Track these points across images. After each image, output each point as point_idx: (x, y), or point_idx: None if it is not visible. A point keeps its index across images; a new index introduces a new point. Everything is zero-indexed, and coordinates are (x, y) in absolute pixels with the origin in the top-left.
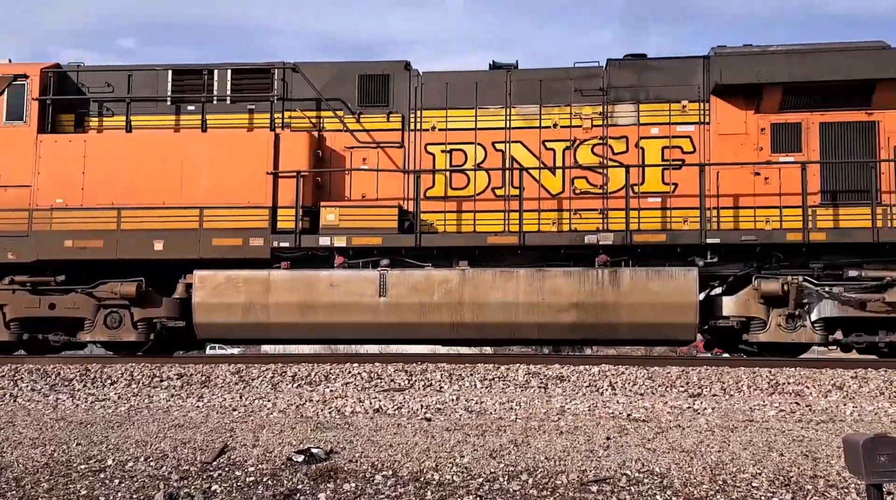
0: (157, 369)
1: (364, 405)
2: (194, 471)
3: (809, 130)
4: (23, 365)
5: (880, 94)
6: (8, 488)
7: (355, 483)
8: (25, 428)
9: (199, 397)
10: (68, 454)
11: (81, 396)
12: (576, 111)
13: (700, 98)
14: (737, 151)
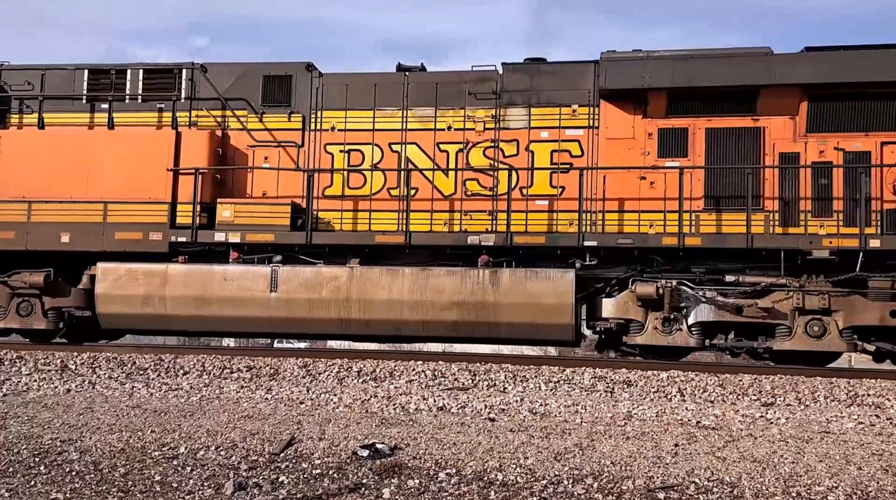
0: (228, 361)
1: (428, 403)
2: (262, 462)
3: (696, 136)
4: (101, 353)
5: (764, 100)
6: (87, 471)
7: (419, 480)
8: (103, 414)
9: (268, 390)
10: (143, 441)
11: (156, 385)
12: (469, 114)
13: (590, 103)
14: (624, 156)
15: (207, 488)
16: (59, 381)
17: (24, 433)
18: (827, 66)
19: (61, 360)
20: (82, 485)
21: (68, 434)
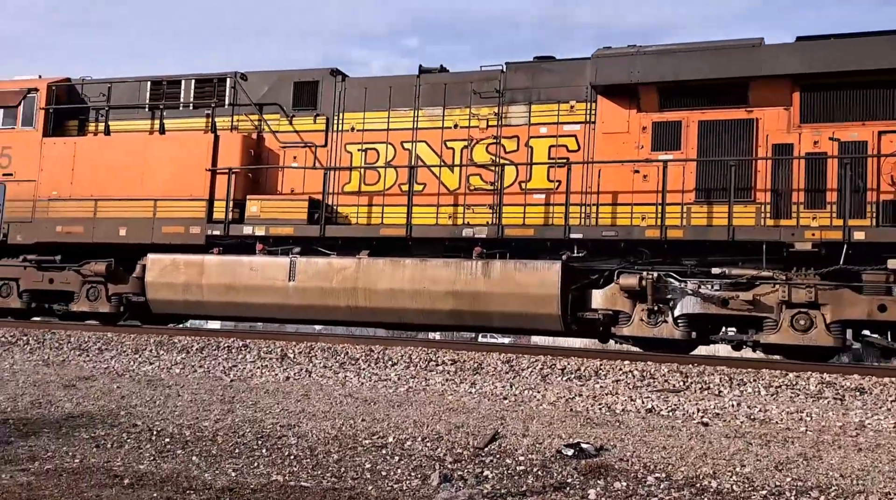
0: (434, 353)
1: (636, 404)
2: (467, 455)
3: (689, 129)
4: (316, 344)
5: (756, 91)
6: (303, 455)
7: (626, 483)
8: (318, 402)
9: (472, 384)
10: (354, 429)
11: (366, 375)
12: (474, 112)
13: (587, 98)
14: (619, 150)
15: (414, 478)
16: (279, 369)
17: (249, 417)
18: (818, 55)
19: (281, 349)
20: (299, 469)
21: (287, 420)
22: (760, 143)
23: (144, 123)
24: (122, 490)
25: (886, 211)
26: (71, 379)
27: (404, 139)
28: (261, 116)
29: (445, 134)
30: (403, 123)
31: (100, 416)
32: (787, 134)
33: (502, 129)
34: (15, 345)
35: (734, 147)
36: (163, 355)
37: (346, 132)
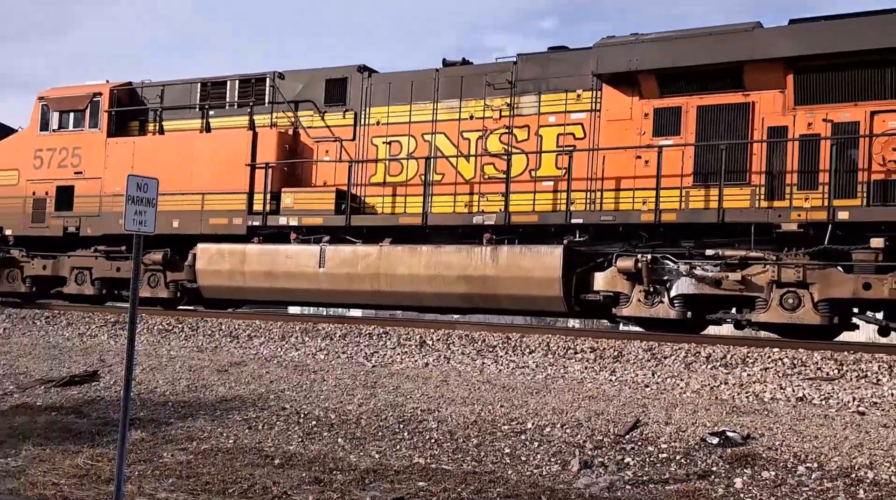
0: (572, 341)
1: (785, 393)
2: (607, 442)
3: (688, 114)
4: (454, 331)
5: (751, 75)
6: (444, 439)
7: (775, 472)
8: (457, 388)
9: (612, 372)
10: (493, 415)
11: (504, 362)
12: (488, 103)
13: (593, 87)
14: (622, 136)
15: (554, 463)
16: (418, 355)
17: (391, 402)
18: (810, 37)
19: (420, 336)
20: (440, 452)
21: (427, 405)
22: (756, 126)
23: (195, 122)
24: (272, 470)
25: (877, 191)
26: (223, 365)
27: (425, 131)
28: (296, 112)
29: (462, 125)
30: (424, 115)
31: (251, 399)
32: (781, 116)
33: (514, 119)
34: (171, 332)
35: (731, 131)
36: (308, 342)
37: (372, 126)
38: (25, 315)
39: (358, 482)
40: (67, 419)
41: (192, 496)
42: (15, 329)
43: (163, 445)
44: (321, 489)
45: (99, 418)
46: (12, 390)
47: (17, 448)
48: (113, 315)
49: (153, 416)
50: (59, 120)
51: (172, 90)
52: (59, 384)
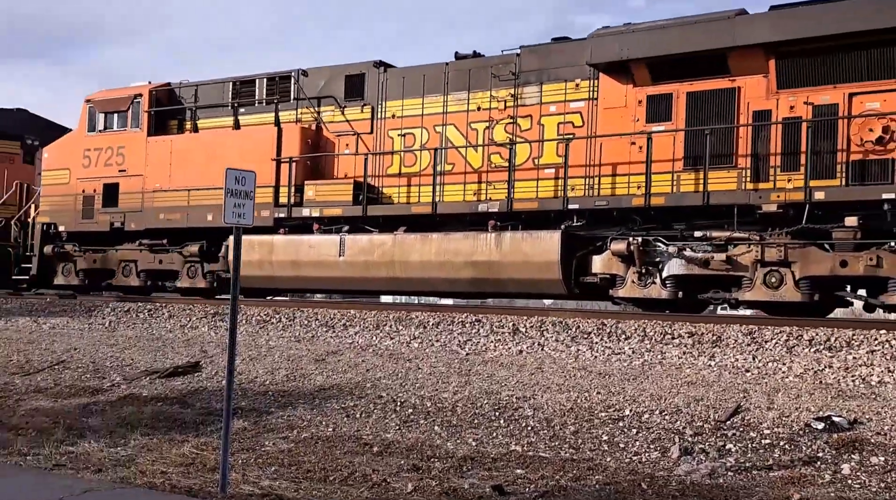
0: (669, 326)
1: (894, 376)
2: (708, 428)
3: (679, 100)
4: (547, 318)
5: (735, 61)
6: (540, 427)
7: (885, 458)
8: (552, 375)
9: (711, 357)
10: (590, 402)
11: (599, 348)
12: (494, 95)
13: (591, 76)
14: (617, 123)
15: (653, 450)
16: (511, 342)
17: (485, 389)
18: (788, 23)
19: (513, 323)
20: (537, 439)
21: (522, 392)
22: (742, 110)
23: (227, 120)
24: (372, 458)
25: (855, 171)
26: (320, 354)
27: (436, 123)
28: (318, 108)
29: (470, 116)
30: (435, 107)
31: (348, 388)
32: (765, 100)
33: (518, 109)
34: (269, 323)
35: (719, 116)
36: (401, 331)
37: (388, 119)
38: (129, 308)
39: (456, 469)
40: (172, 409)
41: (294, 483)
42: (120, 322)
43: (264, 434)
44: (420, 477)
45: (202, 408)
46: (119, 381)
47: (126, 438)
48: (213, 307)
49: (254, 405)
50: (104, 121)
51: (206, 90)
52: (164, 375)
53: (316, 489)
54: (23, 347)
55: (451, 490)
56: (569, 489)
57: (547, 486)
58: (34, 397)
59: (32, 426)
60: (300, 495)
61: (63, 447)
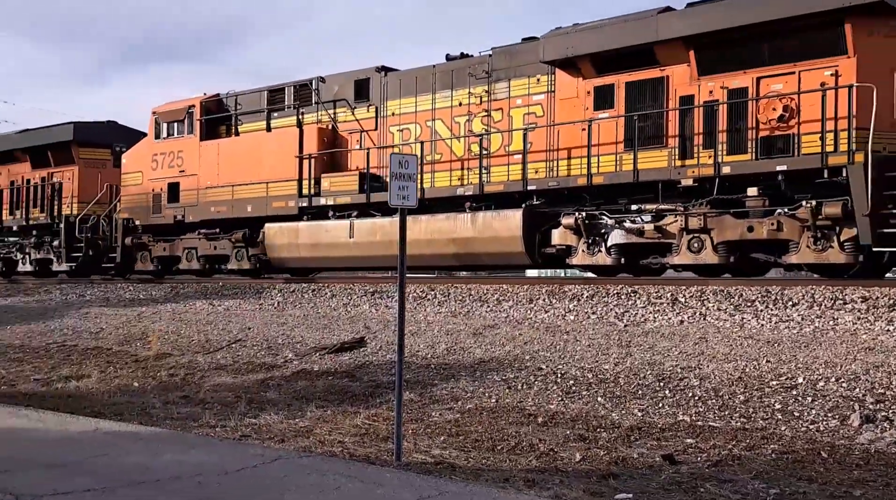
0: (840, 291)
1: None
2: (890, 396)
3: (619, 90)
4: (707, 287)
5: (661, 53)
6: (707, 396)
7: None
8: (717, 344)
9: (889, 322)
10: (759, 371)
11: (765, 316)
12: (471, 92)
13: (549, 72)
14: (571, 112)
15: (831, 419)
16: (671, 312)
17: (647, 360)
18: (701, 17)
19: (671, 293)
20: (705, 409)
21: (687, 362)
22: (671, 96)
23: (262, 124)
24: (537, 428)
25: (762, 146)
26: (477, 328)
27: (427, 118)
28: (334, 109)
29: (453, 111)
30: (425, 105)
31: (507, 360)
32: (689, 86)
33: (491, 103)
34: (425, 299)
35: (652, 102)
36: (555, 304)
37: (388, 117)
38: (294, 290)
39: (623, 439)
40: (342, 383)
41: (463, 452)
42: (287, 302)
43: (430, 405)
44: (587, 447)
45: (370, 381)
46: (291, 357)
47: (303, 410)
48: (371, 286)
49: (418, 378)
50: (167, 129)
51: (246, 98)
52: (331, 351)
53: (484, 457)
54: (202, 327)
55: (619, 460)
56: (743, 458)
57: (720, 455)
58: (216, 374)
59: (217, 401)
60: (470, 463)
61: (246, 419)
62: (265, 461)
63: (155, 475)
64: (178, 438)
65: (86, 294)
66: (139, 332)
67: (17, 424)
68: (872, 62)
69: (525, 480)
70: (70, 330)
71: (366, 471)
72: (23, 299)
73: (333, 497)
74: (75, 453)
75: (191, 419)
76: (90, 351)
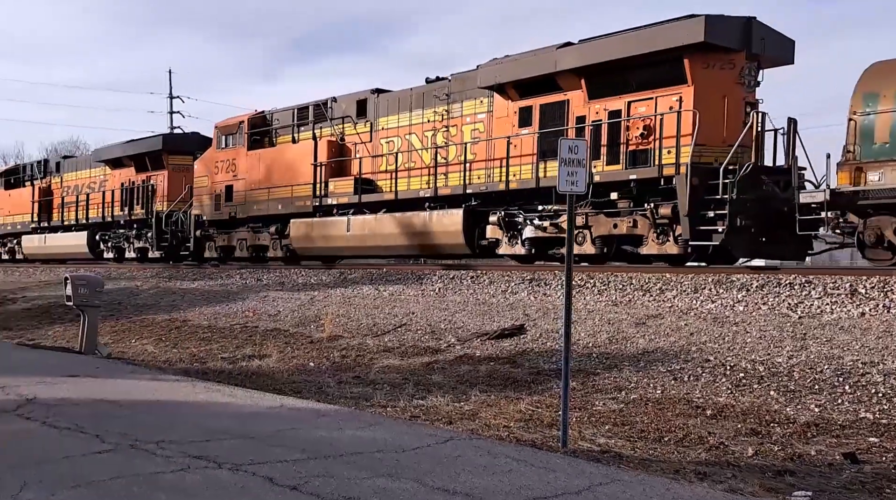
0: None
1: None
2: None
3: (535, 110)
4: (891, 277)
5: (562, 81)
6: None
7: None
8: None
9: None
10: None
11: None
12: (436, 110)
13: (489, 95)
14: (503, 129)
15: None
16: (850, 304)
17: (825, 354)
18: (587, 52)
19: (850, 284)
20: (890, 407)
21: (869, 357)
22: (570, 116)
23: (292, 136)
24: (705, 420)
25: (630, 158)
26: (640, 317)
27: (406, 133)
28: (342, 125)
29: (424, 127)
30: (405, 121)
31: (672, 351)
32: (583, 108)
33: (449, 120)
34: (584, 287)
35: (557, 121)
36: (722, 294)
37: (380, 131)
38: (454, 276)
39: (799, 435)
40: (504, 369)
41: (629, 442)
42: (447, 289)
43: (593, 394)
44: (760, 441)
45: (531, 367)
46: (454, 342)
47: (467, 394)
48: (529, 273)
49: (580, 366)
50: (224, 141)
51: (281, 114)
52: (492, 337)
53: (651, 448)
54: (369, 311)
55: (795, 456)
56: None
57: None
58: (384, 356)
59: (386, 382)
60: (637, 453)
61: (414, 400)
62: (437, 441)
63: (338, 449)
64: (354, 415)
65: (263, 278)
66: (313, 315)
67: (213, 398)
68: (707, 90)
69: (696, 472)
70: (251, 312)
71: (535, 456)
72: (207, 284)
73: (506, 480)
74: (266, 426)
75: (363, 399)
76: (269, 332)
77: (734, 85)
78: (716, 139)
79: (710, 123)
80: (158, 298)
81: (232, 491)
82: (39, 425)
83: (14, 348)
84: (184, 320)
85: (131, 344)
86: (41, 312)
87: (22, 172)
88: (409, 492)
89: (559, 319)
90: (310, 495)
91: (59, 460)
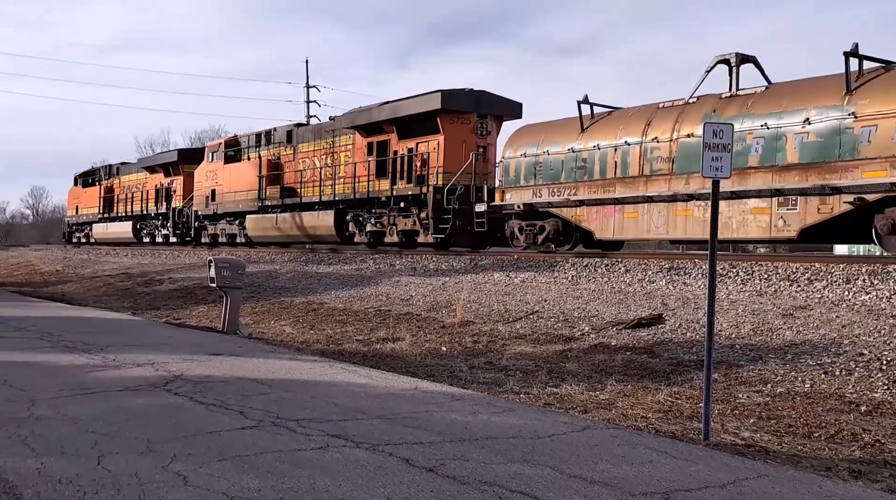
0: None
1: None
2: None
3: (374, 146)
4: None
5: (384, 126)
6: None
7: None
8: None
9: None
10: None
11: None
12: (325, 141)
13: (353, 132)
14: (360, 157)
15: None
16: None
17: None
18: (393, 109)
19: None
20: None
21: None
22: (391, 150)
23: (253, 154)
24: (860, 416)
25: (416, 180)
26: (787, 308)
27: (311, 155)
28: (278, 148)
29: (320, 152)
30: (310, 147)
31: (822, 344)
32: (396, 145)
33: (334, 148)
34: (727, 277)
35: (385, 153)
36: (878, 285)
37: (299, 153)
38: (587, 264)
39: None
40: (641, 359)
41: (775, 437)
42: (581, 277)
43: (736, 386)
44: None
45: (670, 358)
46: (588, 330)
47: (602, 383)
48: (668, 262)
49: (722, 358)
50: (211, 156)
51: (244, 138)
52: (629, 326)
53: (800, 444)
54: (501, 298)
55: None
56: None
57: None
58: (516, 343)
59: (518, 368)
60: (784, 448)
61: (548, 388)
62: (573, 429)
63: (472, 433)
64: (488, 401)
65: (395, 264)
66: (444, 300)
67: (350, 379)
68: (453, 137)
69: (850, 471)
70: (384, 296)
71: (676, 447)
72: (343, 268)
73: (646, 470)
74: (401, 407)
75: (495, 385)
76: (402, 316)
77: (470, 134)
78: (457, 169)
79: (454, 158)
80: (296, 281)
81: (370, 470)
82: (187, 400)
83: (162, 327)
84: (320, 302)
85: (270, 325)
86: (186, 292)
87: (94, 174)
88: (546, 479)
89: (700, 309)
90: (446, 477)
91: (206, 434)
